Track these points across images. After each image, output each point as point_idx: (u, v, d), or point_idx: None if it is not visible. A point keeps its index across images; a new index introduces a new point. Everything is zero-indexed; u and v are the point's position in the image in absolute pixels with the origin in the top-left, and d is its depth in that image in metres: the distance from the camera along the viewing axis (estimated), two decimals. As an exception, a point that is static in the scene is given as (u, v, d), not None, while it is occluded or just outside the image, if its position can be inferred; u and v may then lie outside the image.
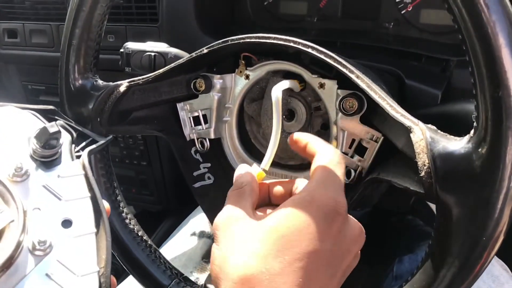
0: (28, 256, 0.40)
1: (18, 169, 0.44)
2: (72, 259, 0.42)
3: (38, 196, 0.44)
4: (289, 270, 0.36)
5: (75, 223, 0.44)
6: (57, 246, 0.42)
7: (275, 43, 0.55)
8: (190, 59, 0.60)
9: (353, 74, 0.50)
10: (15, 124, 0.47)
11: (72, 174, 0.48)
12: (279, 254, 0.37)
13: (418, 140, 0.42)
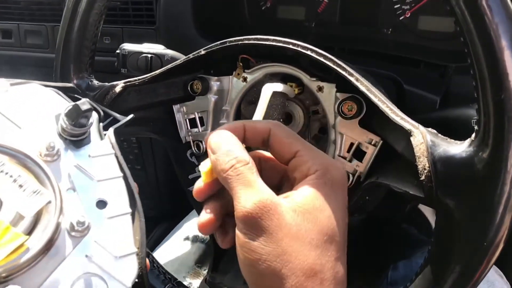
0: (66, 237, 0.40)
1: (50, 148, 0.43)
2: (109, 240, 0.42)
3: (71, 176, 0.43)
4: (341, 249, 0.38)
5: (110, 204, 0.44)
6: (94, 227, 0.42)
7: (273, 45, 0.54)
8: (187, 60, 0.60)
9: (352, 77, 0.49)
10: (41, 102, 0.46)
11: (102, 153, 0.47)
12: (329, 237, 0.37)
13: (419, 144, 0.42)
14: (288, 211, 0.37)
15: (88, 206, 0.43)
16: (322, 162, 0.40)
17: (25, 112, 0.44)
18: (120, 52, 0.73)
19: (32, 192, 0.39)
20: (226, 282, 0.71)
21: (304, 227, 0.37)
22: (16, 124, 0.43)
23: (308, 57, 0.53)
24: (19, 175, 0.39)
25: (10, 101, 0.44)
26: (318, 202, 0.38)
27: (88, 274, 0.40)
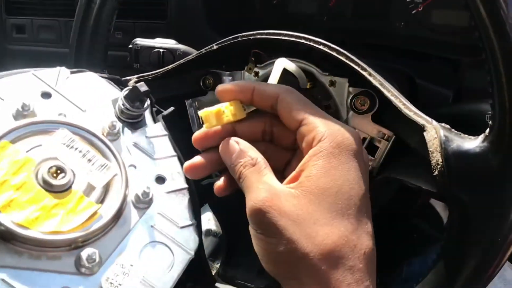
0: (132, 209, 0.44)
1: (112, 127, 0.47)
2: (170, 212, 0.46)
3: (131, 154, 0.48)
4: (360, 219, 0.38)
5: (168, 180, 0.49)
6: (156, 200, 0.46)
7: (286, 39, 0.54)
8: (199, 55, 0.60)
9: (365, 71, 0.49)
10: (98, 88, 0.51)
11: (157, 134, 0.51)
12: (339, 213, 0.37)
13: (432, 139, 0.42)
14: (288, 199, 0.38)
15: (149, 181, 0.47)
16: (328, 128, 0.39)
17: (86, 97, 0.49)
18: (133, 47, 0.73)
19: (100, 166, 0.43)
20: (238, 275, 0.72)
21: (306, 210, 0.37)
22: (80, 108, 0.48)
23: (321, 52, 0.53)
24: (87, 150, 0.43)
25: (72, 87, 0.48)
26: (322, 180, 0.37)
27: (154, 242, 0.44)
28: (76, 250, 0.40)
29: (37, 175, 0.41)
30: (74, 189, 0.41)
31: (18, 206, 0.38)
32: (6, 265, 0.37)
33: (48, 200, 0.40)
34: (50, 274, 0.38)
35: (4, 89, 0.44)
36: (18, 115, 0.43)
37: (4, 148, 0.40)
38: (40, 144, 0.42)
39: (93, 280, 0.39)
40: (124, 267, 0.41)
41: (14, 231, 0.37)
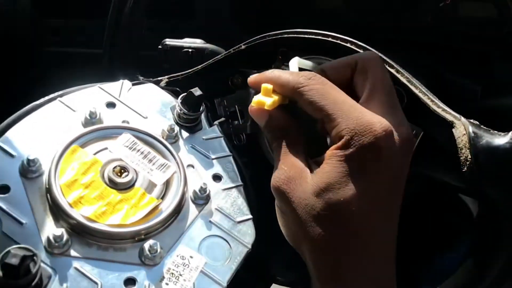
0: (191, 205, 0.48)
1: (171, 130, 0.52)
2: (227, 208, 0.50)
3: (189, 154, 0.52)
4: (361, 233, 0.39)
5: (224, 178, 0.52)
6: (213, 197, 0.50)
7: (313, 38, 0.55)
8: (228, 54, 0.61)
9: (393, 68, 0.50)
10: (157, 97, 0.56)
11: (213, 136, 0.56)
12: (339, 220, 0.38)
13: (460, 135, 0.42)
14: (303, 183, 0.40)
15: (206, 179, 0.51)
16: (352, 126, 0.38)
17: (146, 105, 0.54)
18: (163, 47, 0.75)
19: (160, 165, 0.47)
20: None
21: (318, 207, 0.38)
22: (141, 115, 0.53)
23: (348, 49, 0.53)
24: (148, 152, 0.48)
25: (134, 97, 0.54)
26: (333, 181, 0.38)
27: (212, 236, 0.47)
28: (140, 243, 0.43)
29: (104, 174, 0.45)
30: (137, 186, 0.46)
31: (87, 202, 0.43)
32: (78, 255, 0.41)
33: (113, 196, 0.44)
34: (116, 265, 0.42)
35: (75, 102, 0.50)
36: (87, 122, 0.48)
37: (74, 151, 0.45)
38: (106, 147, 0.47)
39: (156, 270, 0.43)
40: (184, 259, 0.44)
41: (84, 224, 0.42)
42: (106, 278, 0.41)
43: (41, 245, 0.40)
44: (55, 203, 0.42)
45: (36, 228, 0.41)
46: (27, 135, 0.46)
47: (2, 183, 0.42)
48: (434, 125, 0.48)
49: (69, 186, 0.43)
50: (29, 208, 0.42)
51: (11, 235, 0.40)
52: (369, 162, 0.38)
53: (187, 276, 0.44)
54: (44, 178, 0.44)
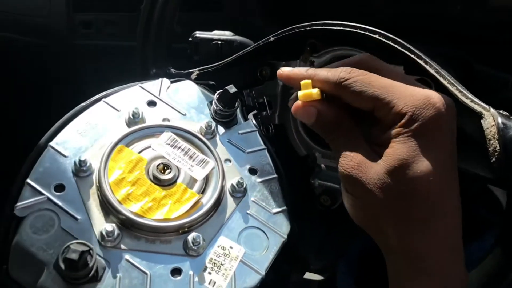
0: (229, 198, 0.51)
1: (208, 127, 0.55)
2: (263, 200, 0.53)
3: (226, 149, 0.55)
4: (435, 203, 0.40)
5: (260, 171, 0.55)
6: (249, 190, 0.52)
7: (341, 29, 0.56)
8: (257, 47, 0.62)
9: (421, 59, 0.50)
10: (194, 94, 0.59)
11: (248, 130, 0.59)
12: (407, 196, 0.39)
13: (489, 126, 0.42)
14: (372, 165, 0.41)
15: (243, 172, 0.54)
16: (410, 103, 0.39)
17: (185, 102, 0.57)
18: (193, 40, 0.76)
19: (200, 161, 0.50)
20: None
21: (396, 184, 0.39)
22: (180, 112, 0.56)
23: (376, 41, 0.54)
24: (188, 148, 0.51)
25: (173, 95, 0.57)
26: (406, 157, 0.39)
27: (250, 227, 0.50)
28: (183, 235, 0.47)
29: (148, 171, 0.49)
30: (179, 182, 0.49)
31: (135, 199, 0.46)
32: (128, 248, 0.45)
33: (158, 192, 0.47)
34: (163, 256, 0.45)
35: (118, 102, 0.53)
36: (130, 122, 0.52)
37: (121, 151, 0.49)
38: (149, 146, 0.50)
39: (199, 260, 0.46)
40: (225, 249, 0.47)
41: (133, 219, 0.45)
42: (154, 269, 0.44)
43: (95, 239, 0.44)
44: (106, 200, 0.46)
45: (89, 223, 0.45)
46: (77, 136, 0.50)
47: (58, 182, 0.46)
48: (462, 116, 0.48)
49: (117, 184, 0.47)
50: (82, 205, 0.45)
51: (68, 230, 0.44)
52: (436, 133, 0.40)
53: (228, 266, 0.46)
54: (94, 177, 0.47)
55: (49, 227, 0.44)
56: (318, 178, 0.64)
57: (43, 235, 0.43)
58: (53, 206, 0.45)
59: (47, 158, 0.47)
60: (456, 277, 0.40)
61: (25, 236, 0.43)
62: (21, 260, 0.43)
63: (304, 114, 0.45)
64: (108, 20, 1.12)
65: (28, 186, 0.45)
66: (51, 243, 0.43)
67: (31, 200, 0.44)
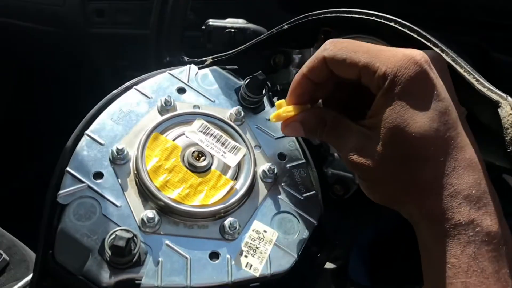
0: (261, 183, 0.52)
1: (238, 113, 0.56)
2: (293, 185, 0.54)
3: (255, 135, 0.56)
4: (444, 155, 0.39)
5: (288, 156, 0.56)
6: (279, 175, 0.53)
7: (356, 17, 0.55)
8: (270, 35, 0.62)
9: (437, 47, 0.49)
10: (222, 80, 0.59)
11: None
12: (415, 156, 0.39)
13: (506, 115, 0.42)
14: (368, 144, 0.41)
15: (272, 158, 0.55)
16: (391, 64, 0.39)
17: (213, 89, 0.58)
18: (206, 28, 0.76)
19: (232, 148, 0.51)
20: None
21: (400, 154, 0.39)
22: (209, 99, 0.56)
23: (391, 28, 0.53)
24: (220, 135, 0.52)
25: (201, 81, 0.58)
26: (399, 123, 0.39)
27: (282, 212, 0.51)
28: (219, 220, 0.48)
29: (183, 159, 0.50)
30: (213, 169, 0.50)
31: (172, 186, 0.48)
32: (167, 233, 0.46)
33: (194, 179, 0.49)
34: (201, 240, 0.47)
35: (149, 89, 0.54)
36: (163, 109, 0.52)
37: (156, 139, 0.49)
38: (183, 133, 0.51)
39: (235, 244, 0.47)
40: (259, 233, 0.49)
41: (172, 205, 0.46)
42: (193, 253, 0.46)
43: (135, 225, 0.45)
44: (145, 187, 0.47)
45: (129, 209, 0.46)
46: (111, 124, 0.51)
47: (96, 170, 0.47)
48: (479, 104, 0.48)
49: (155, 171, 0.48)
50: (121, 192, 0.47)
51: (109, 217, 0.45)
52: (422, 90, 0.39)
53: (263, 249, 0.48)
54: (131, 165, 0.49)
55: (91, 214, 0.45)
56: (331, 167, 0.64)
57: (86, 222, 0.45)
58: (94, 194, 0.46)
59: (84, 147, 0.48)
60: (487, 230, 0.37)
61: (69, 223, 0.44)
62: (67, 246, 0.44)
63: (292, 131, 0.49)
64: (121, 8, 1.13)
65: (69, 174, 0.46)
66: (94, 230, 0.44)
67: (73, 188, 0.46)
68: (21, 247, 0.87)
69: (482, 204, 0.38)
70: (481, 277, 0.36)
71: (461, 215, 0.37)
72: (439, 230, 0.38)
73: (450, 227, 0.37)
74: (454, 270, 0.36)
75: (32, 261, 0.83)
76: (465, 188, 0.38)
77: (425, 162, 0.38)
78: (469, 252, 0.36)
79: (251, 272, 0.47)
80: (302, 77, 0.47)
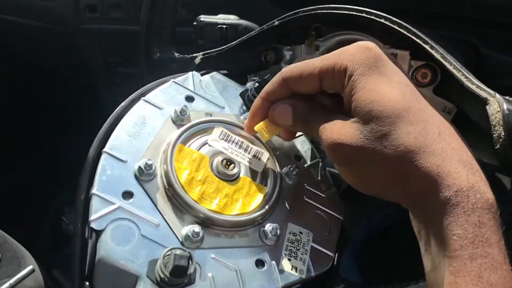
0: (287, 184, 0.52)
1: None
2: (313, 184, 0.54)
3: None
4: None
5: (304, 156, 0.57)
6: (300, 175, 0.53)
7: (347, 13, 0.55)
8: (261, 31, 0.62)
9: (427, 44, 0.49)
10: (224, 85, 0.59)
11: None
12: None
13: (494, 112, 0.42)
14: (350, 128, 0.40)
15: (290, 160, 0.55)
16: (345, 56, 0.41)
17: (219, 95, 0.57)
18: (197, 24, 0.76)
19: (255, 153, 0.51)
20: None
21: (364, 132, 0.39)
22: (219, 105, 0.55)
23: (382, 25, 0.53)
24: (241, 141, 0.51)
25: (206, 88, 0.57)
26: (367, 105, 0.39)
27: (311, 212, 0.51)
28: (257, 227, 0.47)
29: (213, 168, 0.48)
30: (243, 176, 0.49)
31: (209, 197, 0.46)
32: (211, 246, 0.44)
33: (227, 188, 0.48)
34: (243, 249, 0.45)
35: (158, 99, 0.52)
36: (178, 119, 0.51)
37: (181, 150, 0.48)
38: (204, 142, 0.50)
39: (276, 249, 0.47)
40: (296, 235, 0.48)
41: (213, 217, 0.45)
42: (240, 263, 0.44)
43: (177, 242, 0.43)
44: (182, 201, 0.45)
45: (168, 227, 0.43)
46: (128, 139, 0.48)
47: (124, 189, 0.44)
48: (467, 101, 0.48)
49: (188, 184, 0.46)
50: (154, 209, 0.44)
51: (150, 237, 0.42)
52: (382, 66, 0.40)
53: (303, 250, 0.48)
54: (158, 180, 0.46)
55: (130, 236, 0.41)
56: None
57: (126, 246, 0.41)
58: (128, 214, 0.42)
59: (106, 166, 0.45)
60: (486, 197, 0.35)
61: (110, 249, 0.40)
62: (109, 275, 0.40)
63: (279, 116, 0.47)
64: (113, 4, 1.12)
65: (96, 197, 0.42)
66: (137, 253, 0.41)
67: (104, 212, 0.42)
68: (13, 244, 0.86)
69: (475, 170, 0.37)
70: (486, 247, 0.34)
71: (460, 180, 0.35)
72: (441, 200, 0.36)
73: (452, 195, 0.35)
74: (461, 241, 0.34)
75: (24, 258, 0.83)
76: (456, 153, 0.37)
77: (407, 130, 0.37)
78: (473, 220, 0.34)
79: (298, 275, 0.46)
80: (262, 101, 0.48)
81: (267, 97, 0.47)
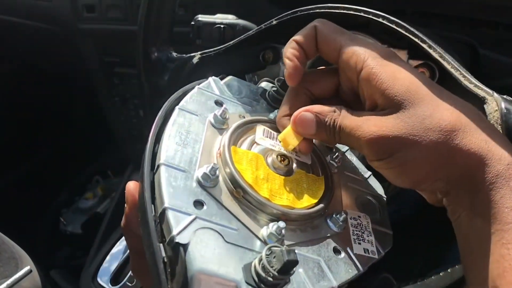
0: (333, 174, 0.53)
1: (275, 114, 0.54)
2: (352, 170, 0.55)
3: None
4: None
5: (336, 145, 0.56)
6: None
7: (345, 13, 0.55)
8: (259, 31, 0.62)
9: (425, 43, 0.49)
10: (243, 87, 0.58)
11: None
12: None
13: (492, 111, 0.42)
14: (387, 122, 0.40)
15: (324, 150, 0.55)
16: (365, 51, 0.42)
17: (243, 97, 0.57)
18: (195, 24, 0.76)
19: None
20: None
21: (404, 122, 0.39)
22: (248, 106, 0.56)
23: (380, 24, 0.53)
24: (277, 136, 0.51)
25: (229, 91, 0.56)
26: (400, 93, 0.39)
27: (359, 196, 0.52)
28: (323, 217, 0.47)
29: (270, 165, 0.48)
30: (298, 169, 0.49)
31: (277, 194, 0.46)
32: (292, 242, 0.44)
33: (289, 183, 0.47)
34: (318, 240, 0.45)
35: (192, 107, 0.51)
36: (218, 123, 0.50)
37: (236, 152, 0.47)
38: (253, 142, 0.50)
39: (345, 235, 0.47)
40: (357, 219, 0.49)
41: (288, 212, 0.44)
42: (322, 254, 0.44)
43: (260, 242, 0.42)
44: (256, 201, 0.44)
45: (246, 229, 0.42)
46: (179, 148, 0.46)
47: (195, 198, 0.42)
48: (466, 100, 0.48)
49: (255, 183, 0.45)
50: (228, 214, 0.43)
51: (236, 243, 0.40)
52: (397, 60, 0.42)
53: (367, 233, 0.49)
54: (222, 184, 0.45)
55: (216, 245, 0.40)
56: None
57: (216, 255, 0.39)
58: (207, 223, 0.41)
59: (169, 178, 0.43)
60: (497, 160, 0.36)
61: (203, 262, 0.38)
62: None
63: (302, 124, 0.47)
64: (111, 4, 1.12)
65: (171, 211, 0.40)
66: (228, 261, 0.39)
67: (184, 224, 0.40)
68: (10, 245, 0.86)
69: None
70: None
71: (510, 154, 0.36)
72: (492, 174, 0.36)
73: (503, 168, 0.36)
74: None
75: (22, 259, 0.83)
76: (495, 128, 0.38)
77: (448, 108, 0.38)
78: None
79: (372, 256, 0.47)
80: (297, 48, 0.48)
81: (297, 41, 0.48)
